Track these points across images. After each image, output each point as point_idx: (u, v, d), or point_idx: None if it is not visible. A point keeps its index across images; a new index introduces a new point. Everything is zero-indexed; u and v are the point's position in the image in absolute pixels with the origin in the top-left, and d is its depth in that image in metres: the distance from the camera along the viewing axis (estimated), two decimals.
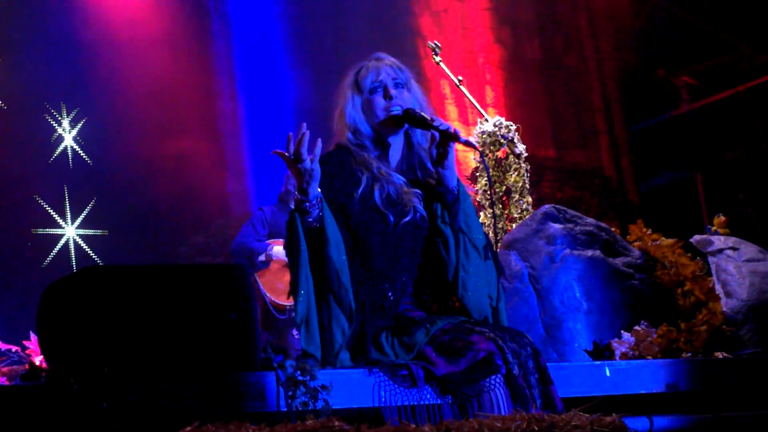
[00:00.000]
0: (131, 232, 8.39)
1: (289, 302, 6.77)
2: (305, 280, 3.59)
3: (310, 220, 3.62)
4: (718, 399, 4.24)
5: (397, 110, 3.94)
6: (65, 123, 8.40)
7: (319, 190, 3.67)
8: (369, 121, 3.97)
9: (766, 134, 9.30)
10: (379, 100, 3.98)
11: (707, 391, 4.23)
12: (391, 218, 3.80)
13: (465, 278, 3.83)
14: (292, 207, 3.85)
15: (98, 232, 8.36)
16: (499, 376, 3.39)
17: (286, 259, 4.83)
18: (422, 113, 3.93)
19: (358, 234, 3.78)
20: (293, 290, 3.61)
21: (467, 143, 3.94)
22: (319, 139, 3.65)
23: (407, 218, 3.83)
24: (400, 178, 3.91)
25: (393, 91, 3.97)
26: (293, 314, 3.65)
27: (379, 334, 3.67)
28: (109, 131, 8.49)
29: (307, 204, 3.62)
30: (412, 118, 3.94)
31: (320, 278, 3.63)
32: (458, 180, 3.92)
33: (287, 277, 3.78)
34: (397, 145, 4.02)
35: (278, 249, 7.02)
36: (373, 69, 4.03)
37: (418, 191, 3.91)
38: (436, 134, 3.86)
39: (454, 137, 3.83)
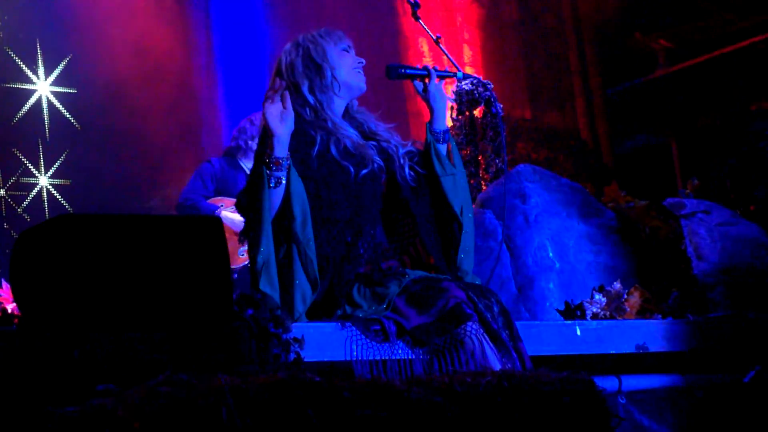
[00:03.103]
0: (105, 184, 8.35)
1: (233, 265, 6.56)
2: (266, 233, 3.58)
3: (279, 176, 3.62)
4: (687, 360, 4.28)
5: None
6: (40, 71, 8.33)
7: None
8: (344, 73, 3.97)
9: (742, 100, 9.32)
10: (355, 58, 4.01)
11: (677, 353, 4.27)
12: (351, 169, 3.82)
13: (465, 209, 3.97)
14: (241, 161, 3.82)
15: (68, 182, 8.30)
16: (472, 323, 3.40)
17: (233, 227, 4.83)
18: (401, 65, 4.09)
19: (320, 190, 3.78)
20: (253, 241, 3.60)
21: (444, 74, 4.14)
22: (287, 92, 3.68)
23: (366, 170, 3.86)
24: (353, 132, 3.92)
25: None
26: (249, 263, 3.66)
27: (350, 287, 3.68)
28: (84, 82, 8.41)
29: (281, 161, 3.62)
30: (395, 72, 4.05)
31: (286, 250, 3.63)
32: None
33: (233, 242, 3.81)
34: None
35: (226, 214, 6.48)
36: (339, 31, 4.06)
37: (372, 143, 3.95)
38: (434, 73, 4.00)
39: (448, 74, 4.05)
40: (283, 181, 3.60)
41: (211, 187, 6.88)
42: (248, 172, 6.62)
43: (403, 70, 4.08)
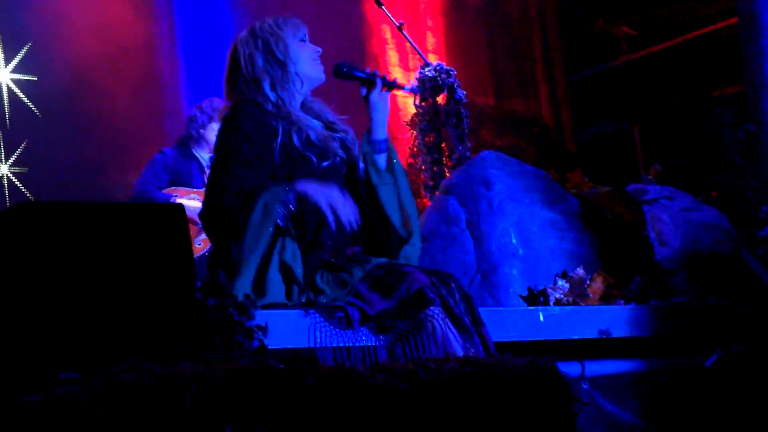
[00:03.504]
0: (67, 171, 8.27)
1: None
2: (254, 262, 3.59)
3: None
4: (650, 345, 4.31)
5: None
6: (0, 58, 8.25)
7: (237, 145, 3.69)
8: (304, 66, 3.95)
9: (704, 86, 9.37)
10: (312, 48, 3.98)
11: (639, 338, 4.29)
12: (314, 160, 3.81)
13: (412, 219, 3.96)
14: (194, 149, 3.74)
15: (25, 169, 8.22)
16: (435, 308, 3.41)
17: (190, 214, 4.80)
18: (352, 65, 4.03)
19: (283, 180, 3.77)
20: (236, 265, 3.59)
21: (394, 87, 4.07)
22: None
23: (328, 162, 3.84)
24: (317, 123, 3.91)
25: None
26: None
27: (314, 273, 3.68)
28: (45, 69, 8.33)
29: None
30: (341, 72, 4.01)
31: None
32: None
33: (191, 230, 3.79)
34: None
35: (182, 203, 6.24)
36: (294, 19, 4.03)
37: (336, 134, 3.94)
38: (379, 82, 3.94)
39: (395, 86, 3.98)
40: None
41: (164, 177, 6.81)
42: (201, 161, 6.65)
43: (349, 70, 3.99)
